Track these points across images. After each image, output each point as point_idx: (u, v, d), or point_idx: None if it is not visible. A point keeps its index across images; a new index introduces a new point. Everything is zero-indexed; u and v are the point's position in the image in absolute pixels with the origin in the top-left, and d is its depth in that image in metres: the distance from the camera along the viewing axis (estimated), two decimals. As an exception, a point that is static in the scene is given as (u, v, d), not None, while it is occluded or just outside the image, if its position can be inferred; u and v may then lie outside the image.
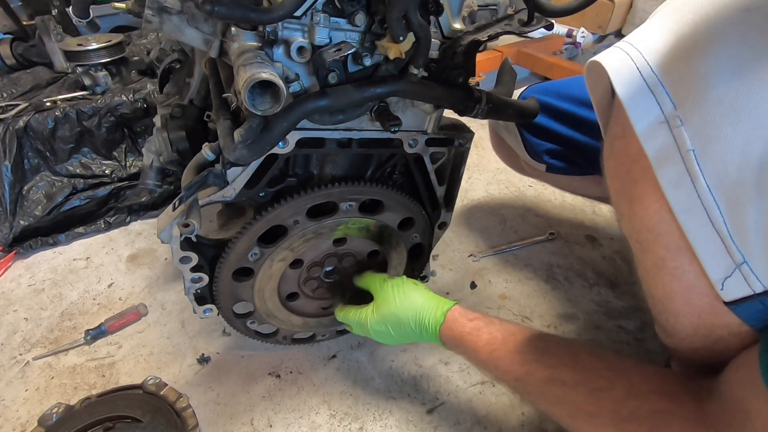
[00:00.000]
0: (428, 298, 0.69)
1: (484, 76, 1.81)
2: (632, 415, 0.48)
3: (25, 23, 1.47)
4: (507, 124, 0.98)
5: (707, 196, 0.40)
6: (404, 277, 0.73)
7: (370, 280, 0.74)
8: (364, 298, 0.75)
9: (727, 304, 0.43)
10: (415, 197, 0.73)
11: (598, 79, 0.49)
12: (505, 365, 0.60)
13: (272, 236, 0.66)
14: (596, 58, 0.47)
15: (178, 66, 0.93)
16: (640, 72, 0.43)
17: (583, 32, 2.02)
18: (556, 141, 0.92)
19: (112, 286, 1.04)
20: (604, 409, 0.50)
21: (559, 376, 0.55)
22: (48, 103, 1.13)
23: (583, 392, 0.52)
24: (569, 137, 0.90)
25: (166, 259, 1.11)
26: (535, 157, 0.95)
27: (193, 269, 0.65)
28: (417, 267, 0.85)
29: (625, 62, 0.44)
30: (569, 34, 2.01)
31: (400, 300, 0.69)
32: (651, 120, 0.42)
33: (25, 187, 1.11)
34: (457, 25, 0.58)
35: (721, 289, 0.42)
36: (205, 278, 0.67)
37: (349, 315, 0.74)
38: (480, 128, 0.98)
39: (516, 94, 0.94)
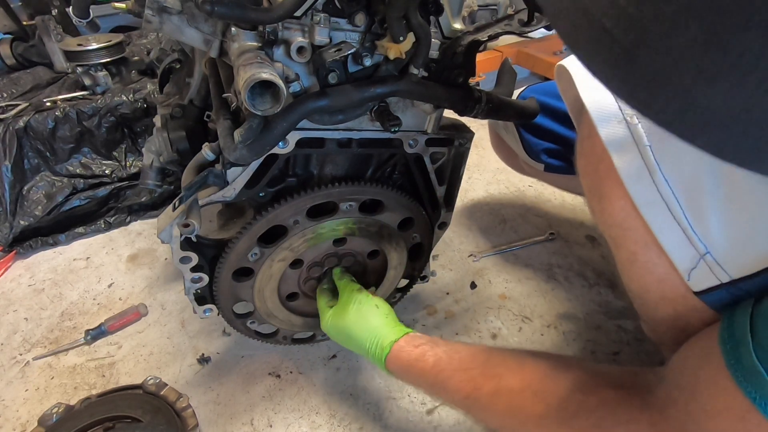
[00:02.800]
0: (383, 325, 0.66)
1: (484, 76, 1.81)
2: (579, 410, 0.47)
3: (25, 23, 1.47)
4: (506, 124, 0.98)
5: (666, 190, 0.42)
6: (370, 296, 0.70)
7: (342, 285, 0.73)
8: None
9: (696, 294, 0.44)
10: (415, 197, 0.73)
11: (569, 84, 0.51)
12: (453, 385, 0.58)
13: (272, 236, 0.66)
14: (563, 62, 0.50)
15: (178, 66, 0.93)
16: None
17: (583, 32, 2.02)
18: (554, 140, 0.92)
19: (112, 286, 1.04)
20: (551, 408, 0.49)
21: (506, 385, 0.53)
22: (48, 103, 1.13)
23: (528, 396, 0.51)
24: (567, 137, 0.90)
25: (166, 259, 1.10)
26: (533, 157, 0.95)
27: (193, 269, 0.65)
28: (417, 267, 0.85)
29: None
30: (569, 34, 2.01)
31: (356, 319, 0.67)
32: (610, 119, 0.44)
33: (25, 187, 1.11)
34: (457, 25, 0.58)
35: (688, 279, 0.44)
36: (205, 278, 0.67)
37: (319, 304, 0.74)
38: (480, 128, 0.98)
39: (515, 94, 0.94)
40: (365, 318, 0.67)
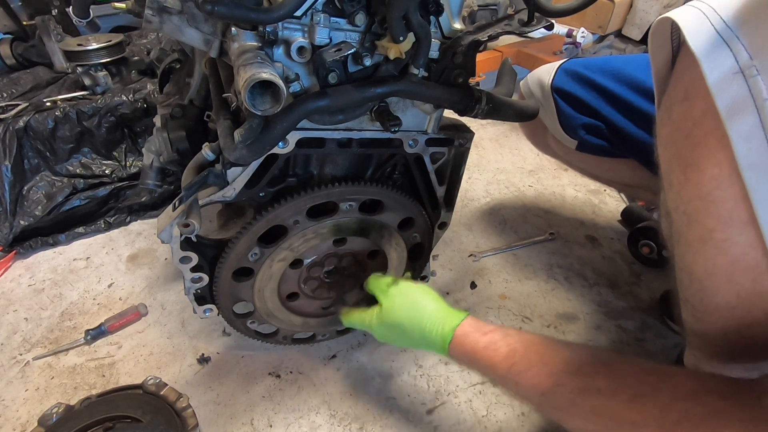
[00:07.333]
0: (436, 309, 0.64)
1: (484, 76, 1.81)
2: (682, 419, 0.42)
3: (25, 23, 1.47)
4: (544, 95, 0.93)
5: None
6: (412, 282, 0.69)
7: (375, 283, 0.70)
8: (371, 298, 0.72)
9: None
10: (415, 197, 0.73)
11: (663, 42, 0.48)
12: (529, 379, 0.53)
13: (272, 236, 0.66)
14: (667, 14, 0.45)
15: (178, 66, 0.93)
16: (713, 25, 0.42)
17: (583, 32, 2.02)
18: (595, 117, 0.88)
19: (112, 286, 1.04)
20: (649, 416, 0.44)
21: (593, 385, 0.49)
22: (48, 103, 1.13)
23: (622, 399, 0.46)
24: (610, 117, 0.85)
25: (166, 259, 1.11)
26: (569, 132, 0.90)
27: (193, 269, 0.65)
28: (417, 267, 0.85)
29: (697, 17, 0.43)
30: (569, 34, 2.01)
31: (406, 310, 0.64)
32: (724, 71, 0.41)
33: (25, 187, 1.11)
34: (458, 25, 0.58)
35: None
36: (205, 278, 0.67)
37: (354, 319, 0.72)
38: (480, 128, 0.98)
39: (555, 66, 0.91)
40: (417, 308, 0.64)
